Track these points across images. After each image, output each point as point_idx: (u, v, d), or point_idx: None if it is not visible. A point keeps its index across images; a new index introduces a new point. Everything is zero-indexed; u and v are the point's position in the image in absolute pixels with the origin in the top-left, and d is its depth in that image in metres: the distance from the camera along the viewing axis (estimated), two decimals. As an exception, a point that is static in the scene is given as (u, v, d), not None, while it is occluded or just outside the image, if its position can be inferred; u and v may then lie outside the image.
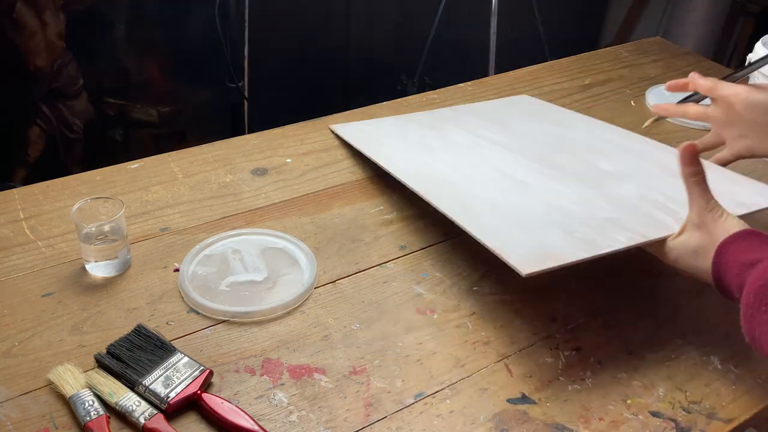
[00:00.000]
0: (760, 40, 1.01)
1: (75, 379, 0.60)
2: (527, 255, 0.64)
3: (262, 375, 0.63)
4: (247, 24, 1.75)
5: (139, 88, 1.91)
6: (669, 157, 0.87)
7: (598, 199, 0.76)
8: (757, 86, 0.78)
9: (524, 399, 0.62)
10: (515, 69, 1.23)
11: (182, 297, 0.71)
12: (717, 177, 0.80)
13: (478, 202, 0.76)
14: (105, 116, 1.88)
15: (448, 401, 0.62)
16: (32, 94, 1.74)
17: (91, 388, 0.60)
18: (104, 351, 0.64)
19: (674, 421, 0.61)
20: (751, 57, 1.02)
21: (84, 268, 0.74)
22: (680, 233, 0.66)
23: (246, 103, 1.82)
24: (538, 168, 0.84)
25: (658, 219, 0.71)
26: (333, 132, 0.99)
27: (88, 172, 0.89)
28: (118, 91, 1.88)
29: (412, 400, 0.62)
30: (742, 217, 0.69)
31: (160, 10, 1.84)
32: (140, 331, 0.65)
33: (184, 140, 2.00)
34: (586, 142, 0.92)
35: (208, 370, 0.61)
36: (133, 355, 0.62)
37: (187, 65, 1.96)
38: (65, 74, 1.75)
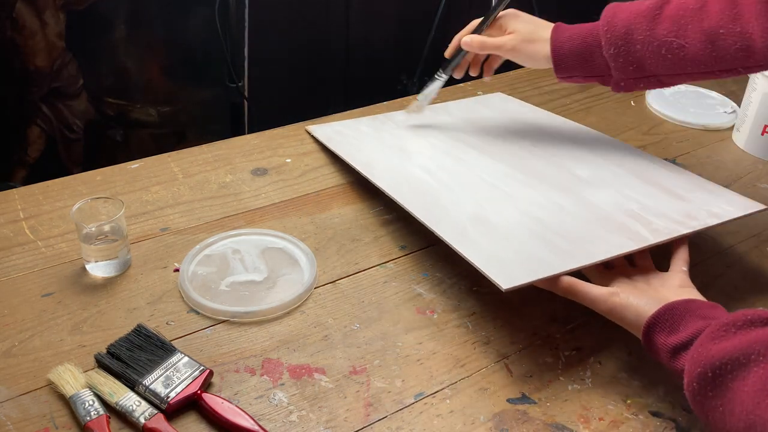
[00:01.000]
0: None
1: (75, 379, 0.60)
2: (506, 269, 0.65)
3: (262, 375, 0.63)
4: (246, 24, 1.75)
5: (139, 88, 1.91)
6: (644, 163, 0.88)
7: (573, 207, 0.76)
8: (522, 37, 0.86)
9: (524, 399, 0.62)
10: (515, 69, 1.23)
11: (182, 297, 0.71)
12: (691, 186, 0.81)
13: (458, 213, 0.76)
14: (105, 116, 1.88)
15: (448, 401, 0.62)
16: (32, 94, 1.74)
17: (91, 387, 0.60)
18: (104, 351, 0.64)
19: (674, 421, 0.61)
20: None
21: (84, 268, 0.74)
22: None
23: (246, 103, 1.82)
24: (514, 175, 0.84)
25: (632, 229, 0.72)
26: (310, 134, 0.99)
27: (88, 172, 0.89)
28: (118, 91, 1.88)
29: (412, 400, 0.62)
30: (713, 227, 0.73)
31: (160, 10, 1.84)
32: (140, 331, 0.65)
33: (184, 140, 2.00)
34: (562, 147, 0.92)
35: (208, 370, 0.61)
36: (133, 355, 0.62)
37: (187, 65, 1.95)
38: (65, 74, 1.75)
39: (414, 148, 0.91)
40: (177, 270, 0.74)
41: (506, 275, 0.64)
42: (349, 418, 0.60)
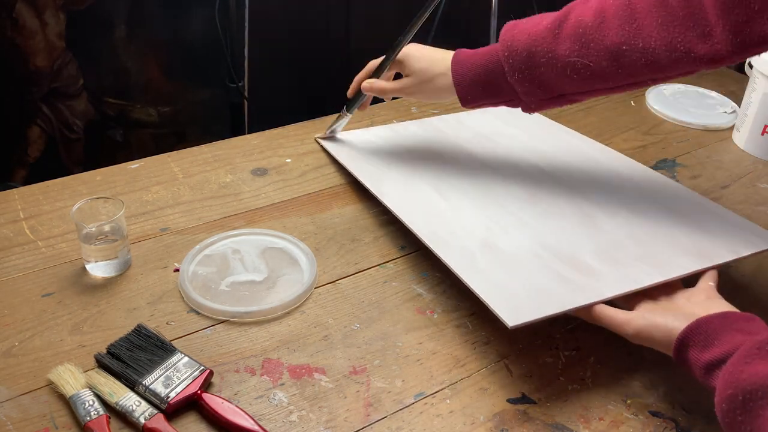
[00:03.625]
0: None
1: (75, 379, 0.60)
2: (513, 304, 0.63)
3: (262, 375, 0.63)
4: (247, 24, 1.75)
5: (139, 88, 1.91)
6: (664, 189, 0.85)
7: (586, 237, 0.74)
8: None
9: (524, 399, 0.63)
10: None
11: (182, 297, 0.71)
12: (710, 215, 0.79)
13: (467, 238, 0.73)
14: (105, 116, 1.88)
15: (448, 401, 0.62)
16: (32, 94, 1.74)
17: (91, 387, 0.60)
18: (104, 351, 0.64)
19: (674, 421, 0.61)
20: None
21: (84, 268, 0.74)
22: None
23: (246, 103, 1.82)
24: (528, 198, 0.82)
25: (643, 265, 0.69)
26: (318, 143, 0.98)
27: (88, 172, 0.89)
28: (118, 91, 1.88)
29: (412, 400, 0.62)
30: (731, 261, 0.70)
31: (160, 10, 1.84)
32: (140, 331, 0.65)
33: (184, 140, 2.00)
34: (578, 168, 0.90)
35: (208, 370, 0.61)
36: (133, 355, 0.62)
37: (187, 65, 1.96)
38: (65, 74, 1.75)
39: (425, 164, 0.89)
40: (177, 270, 0.74)
41: (513, 311, 0.62)
42: (349, 418, 0.60)
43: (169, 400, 0.59)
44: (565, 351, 0.68)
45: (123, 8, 1.80)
